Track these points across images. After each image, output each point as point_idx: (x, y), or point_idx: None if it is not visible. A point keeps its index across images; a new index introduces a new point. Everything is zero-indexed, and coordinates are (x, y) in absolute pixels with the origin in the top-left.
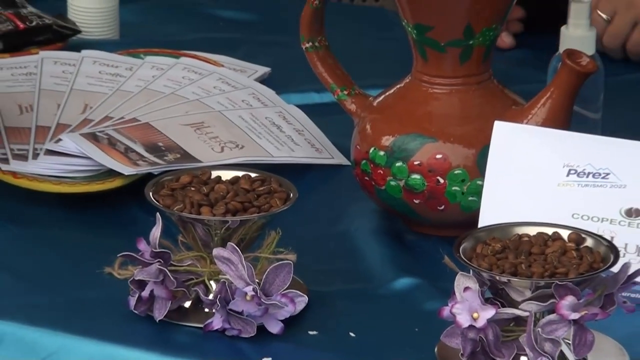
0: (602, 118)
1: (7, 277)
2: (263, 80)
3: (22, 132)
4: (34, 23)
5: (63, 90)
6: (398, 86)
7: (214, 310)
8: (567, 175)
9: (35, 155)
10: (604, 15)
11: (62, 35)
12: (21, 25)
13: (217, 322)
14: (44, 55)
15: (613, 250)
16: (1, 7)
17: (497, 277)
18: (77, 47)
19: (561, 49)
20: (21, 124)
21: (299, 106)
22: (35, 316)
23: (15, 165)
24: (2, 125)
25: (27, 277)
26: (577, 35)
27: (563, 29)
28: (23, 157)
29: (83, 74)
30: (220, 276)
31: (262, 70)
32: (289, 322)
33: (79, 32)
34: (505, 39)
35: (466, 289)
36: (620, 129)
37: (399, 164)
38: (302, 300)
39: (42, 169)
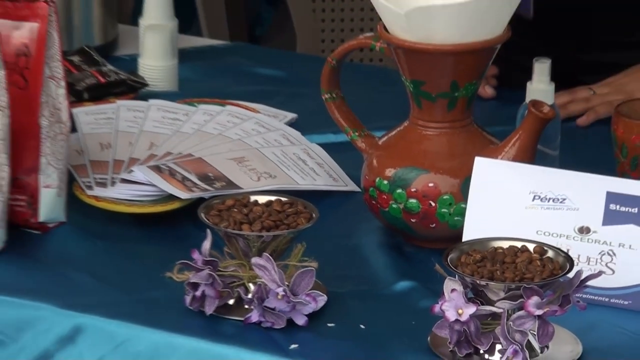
0: (559, 154)
1: (90, 279)
2: (291, 124)
3: (102, 164)
4: (112, 78)
5: (134, 132)
6: (398, 129)
7: (252, 307)
8: (533, 200)
9: (113, 183)
10: (593, 90)
11: (134, 88)
12: (102, 80)
13: (254, 316)
14: (120, 103)
15: (569, 260)
16: (87, 66)
17: (478, 281)
18: (146, 97)
19: (527, 99)
20: (102, 158)
21: (319, 144)
22: (112, 311)
23: (97, 191)
24: (88, 159)
25: (106, 279)
26: (539, 89)
27: (528, 84)
28: (103, 185)
29: (150, 119)
30: (257, 279)
31: (291, 116)
32: (312, 316)
33: (147, 85)
34: (488, 90)
35: (453, 290)
36: (574, 164)
37: (399, 190)
38: (322, 299)
39: (118, 194)
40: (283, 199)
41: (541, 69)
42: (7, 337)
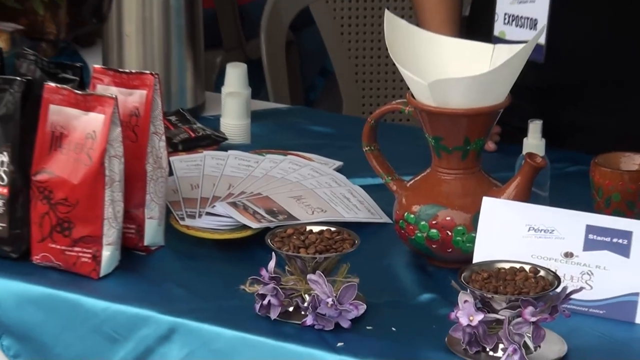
0: (549, 195)
1: (183, 291)
2: (338, 170)
3: (192, 201)
4: (200, 133)
5: (216, 175)
6: (422, 174)
7: (307, 313)
8: (528, 231)
9: (200, 215)
10: None
11: (217, 141)
12: (192, 135)
13: (309, 320)
14: (206, 153)
15: (557, 278)
16: (181, 124)
17: (485, 294)
18: (226, 148)
19: (524, 152)
20: (192, 196)
21: (360, 186)
22: (199, 315)
23: (188, 222)
24: (181, 196)
25: (194, 291)
26: (533, 144)
27: (525, 139)
28: (193, 216)
29: (229, 165)
30: (311, 292)
31: (338, 163)
32: (354, 321)
33: (227, 139)
34: (491, 145)
35: (465, 301)
36: (560, 202)
37: (423, 223)
38: (362, 307)
39: (204, 224)
40: (332, 228)
41: (535, 128)
42: (120, 335)
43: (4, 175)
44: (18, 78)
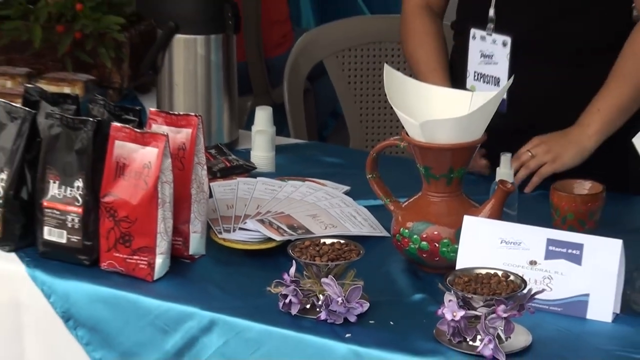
0: (517, 214)
1: (220, 291)
2: (346, 193)
3: (228, 218)
4: (234, 163)
5: (247, 197)
6: (415, 197)
7: (321, 310)
8: (500, 243)
9: (234, 230)
10: (531, 152)
11: (247, 170)
12: (228, 165)
13: (323, 315)
14: (239, 180)
15: (523, 282)
16: (219, 156)
17: (466, 295)
18: (255, 175)
19: (497, 179)
20: (227, 214)
21: (365, 206)
22: (233, 311)
23: (224, 235)
24: (219, 214)
25: (230, 291)
26: (504, 172)
27: (497, 169)
28: (228, 231)
29: (258, 189)
30: (325, 292)
31: (346, 188)
32: (359, 316)
33: (255, 168)
34: (485, 170)
35: (450, 300)
36: (526, 220)
37: (415, 236)
38: (366, 305)
39: (237, 237)
40: (341, 240)
41: (505, 160)
42: (169, 327)
43: (79, 198)
44: (90, 119)
